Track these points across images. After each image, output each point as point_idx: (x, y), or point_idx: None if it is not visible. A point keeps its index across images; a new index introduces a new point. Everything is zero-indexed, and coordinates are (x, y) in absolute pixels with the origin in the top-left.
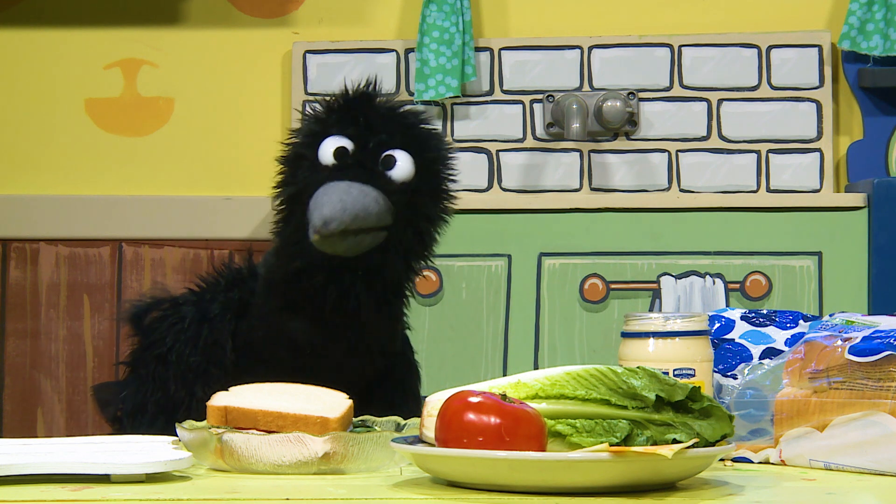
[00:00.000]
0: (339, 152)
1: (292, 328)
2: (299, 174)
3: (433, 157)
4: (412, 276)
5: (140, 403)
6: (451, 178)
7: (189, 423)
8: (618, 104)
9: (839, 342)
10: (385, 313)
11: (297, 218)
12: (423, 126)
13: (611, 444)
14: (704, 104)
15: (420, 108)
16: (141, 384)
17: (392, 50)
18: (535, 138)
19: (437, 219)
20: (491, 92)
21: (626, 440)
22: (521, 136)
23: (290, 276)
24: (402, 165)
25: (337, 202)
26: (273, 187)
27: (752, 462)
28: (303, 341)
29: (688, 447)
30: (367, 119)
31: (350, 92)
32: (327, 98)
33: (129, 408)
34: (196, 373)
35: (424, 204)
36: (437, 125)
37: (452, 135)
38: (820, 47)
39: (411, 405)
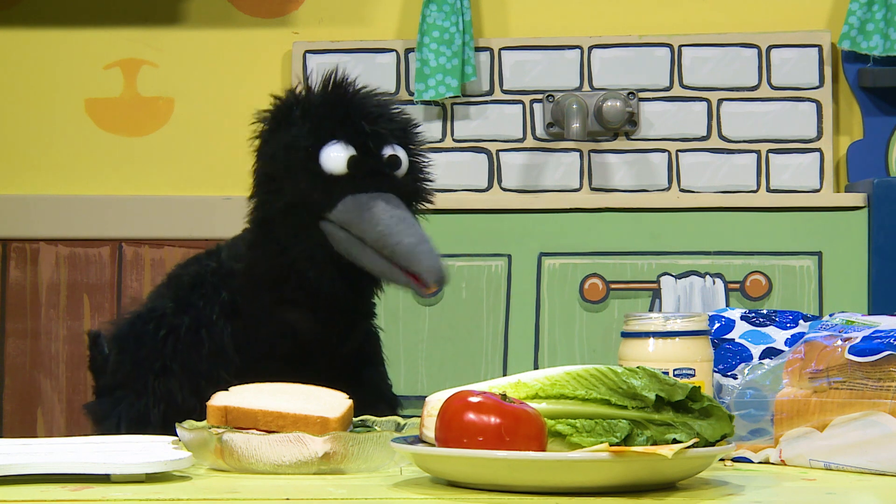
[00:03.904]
0: (353, 161)
1: (293, 319)
2: (312, 189)
3: (421, 150)
4: None
5: (140, 416)
6: (429, 164)
7: (189, 423)
8: (618, 104)
9: (839, 342)
10: (371, 295)
11: (314, 231)
12: (407, 117)
13: (611, 444)
14: (704, 104)
15: (386, 93)
16: (137, 398)
17: (392, 50)
18: (535, 138)
19: (426, 210)
20: (491, 92)
21: (626, 440)
22: (521, 136)
23: (292, 278)
24: (403, 163)
25: (422, 245)
26: (259, 199)
27: (752, 462)
28: (303, 330)
29: (688, 447)
30: (367, 122)
31: (320, 90)
32: (297, 96)
33: (126, 422)
34: (207, 379)
35: (419, 197)
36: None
37: (452, 135)
38: (820, 47)
39: (383, 373)
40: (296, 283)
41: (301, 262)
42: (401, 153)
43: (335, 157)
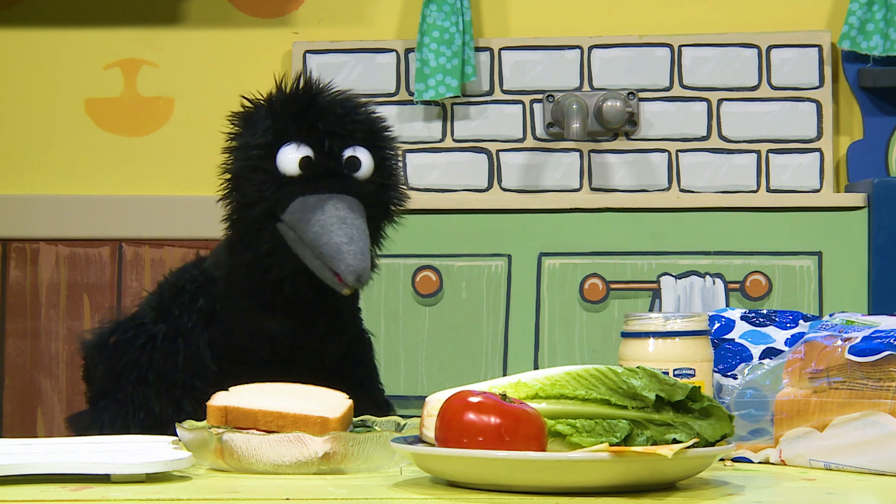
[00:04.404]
0: (305, 162)
1: (270, 325)
2: (265, 189)
3: (389, 152)
4: (374, 266)
5: (122, 427)
6: (400, 165)
7: (189, 423)
8: (618, 104)
9: (839, 342)
10: (353, 300)
11: (270, 232)
12: (374, 118)
13: (611, 444)
14: (704, 104)
15: (359, 95)
16: (119, 408)
17: (392, 50)
18: (535, 138)
19: (397, 212)
20: (491, 92)
21: (626, 440)
22: (521, 136)
23: (270, 284)
24: (365, 164)
25: (350, 245)
26: (226, 200)
27: (752, 462)
28: (281, 335)
29: (688, 447)
30: (323, 122)
31: (288, 91)
32: (261, 100)
33: (109, 432)
34: (182, 388)
35: (386, 199)
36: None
37: (452, 135)
38: (820, 47)
39: (374, 377)
40: (273, 288)
41: (257, 263)
42: (363, 155)
43: (289, 158)
